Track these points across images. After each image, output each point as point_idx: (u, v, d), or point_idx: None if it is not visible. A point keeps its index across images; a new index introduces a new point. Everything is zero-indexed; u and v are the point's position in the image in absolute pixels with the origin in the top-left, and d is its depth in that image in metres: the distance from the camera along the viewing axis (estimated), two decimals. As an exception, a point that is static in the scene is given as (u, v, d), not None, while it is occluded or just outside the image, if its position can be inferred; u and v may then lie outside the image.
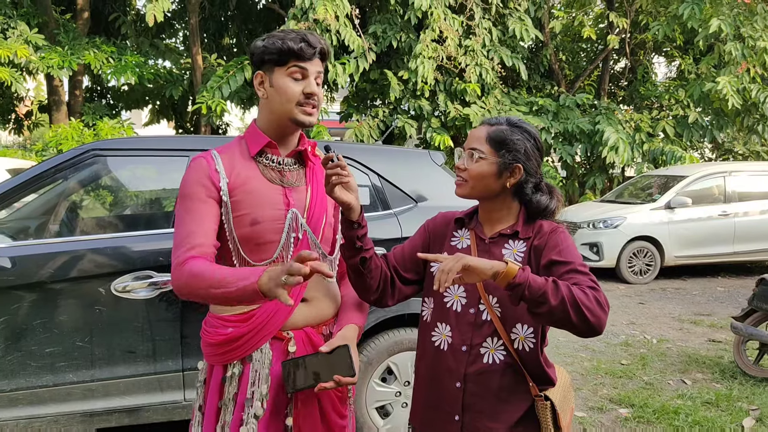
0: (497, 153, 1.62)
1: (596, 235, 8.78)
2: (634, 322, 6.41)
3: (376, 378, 3.13)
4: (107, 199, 4.79)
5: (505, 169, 1.62)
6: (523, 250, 1.62)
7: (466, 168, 1.63)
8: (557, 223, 1.66)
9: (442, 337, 1.65)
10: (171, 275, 1.54)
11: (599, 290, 1.47)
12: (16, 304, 2.67)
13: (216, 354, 1.65)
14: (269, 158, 1.67)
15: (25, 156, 12.01)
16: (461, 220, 1.75)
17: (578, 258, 1.56)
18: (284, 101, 1.61)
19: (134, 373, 2.78)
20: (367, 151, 3.42)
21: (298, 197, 1.67)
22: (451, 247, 1.71)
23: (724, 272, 9.27)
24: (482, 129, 1.66)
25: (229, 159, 1.64)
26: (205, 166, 1.61)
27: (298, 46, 1.58)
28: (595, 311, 1.43)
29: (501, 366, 1.58)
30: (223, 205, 1.59)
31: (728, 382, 4.48)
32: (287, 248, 1.63)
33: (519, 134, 1.64)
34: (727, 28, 10.09)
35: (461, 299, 1.64)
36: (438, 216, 1.81)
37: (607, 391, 4.29)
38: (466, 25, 10.39)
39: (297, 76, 1.60)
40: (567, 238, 1.60)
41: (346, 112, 11.53)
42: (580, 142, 11.44)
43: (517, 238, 1.64)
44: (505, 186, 1.63)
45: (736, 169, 9.31)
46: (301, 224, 1.65)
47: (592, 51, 15.26)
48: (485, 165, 1.61)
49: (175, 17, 13.55)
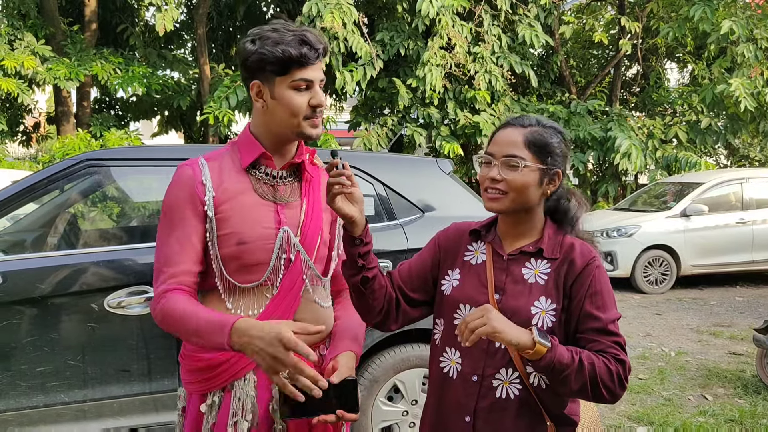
0: (540, 160, 1.43)
1: (610, 244, 8.60)
2: (650, 333, 6.22)
3: (382, 396, 2.99)
4: (102, 211, 4.70)
5: (546, 177, 1.44)
6: (546, 272, 1.43)
7: (503, 179, 1.41)
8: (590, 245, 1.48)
9: (451, 364, 1.48)
10: (152, 305, 1.46)
11: (625, 363, 1.35)
12: (6, 320, 2.56)
13: (194, 381, 1.52)
14: (262, 171, 1.52)
15: (32, 168, 12.02)
16: (477, 232, 1.56)
17: (613, 308, 1.41)
18: (289, 116, 1.46)
19: (128, 393, 2.66)
20: (372, 159, 3.31)
21: (290, 214, 1.54)
22: (464, 262, 1.53)
23: (742, 281, 9.04)
24: (516, 132, 1.45)
25: (218, 169, 1.50)
26: (190, 177, 1.48)
27: (299, 52, 1.41)
28: (614, 391, 1.34)
29: (515, 402, 1.40)
30: (207, 220, 1.47)
31: (752, 398, 4.29)
32: (277, 270, 1.50)
33: (556, 136, 1.47)
34: (740, 29, 9.92)
35: None
36: (451, 227, 1.62)
37: (625, 408, 4.12)
38: (475, 32, 10.29)
39: (302, 88, 1.45)
40: (603, 277, 1.42)
41: (355, 120, 11.45)
42: (592, 150, 11.28)
43: (540, 256, 1.45)
44: (544, 195, 1.46)
45: (753, 175, 9.11)
46: (294, 244, 1.51)
47: (603, 57, 15.11)
48: (529, 174, 1.41)
49: (183, 28, 13.57)
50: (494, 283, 1.45)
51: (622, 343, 1.38)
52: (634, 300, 7.99)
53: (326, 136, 9.86)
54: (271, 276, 1.49)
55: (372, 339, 2.91)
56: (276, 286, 1.50)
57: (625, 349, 1.38)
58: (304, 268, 1.53)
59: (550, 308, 1.40)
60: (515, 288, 1.43)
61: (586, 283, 1.40)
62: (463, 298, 1.48)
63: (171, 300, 1.41)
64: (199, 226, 1.47)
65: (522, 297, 1.42)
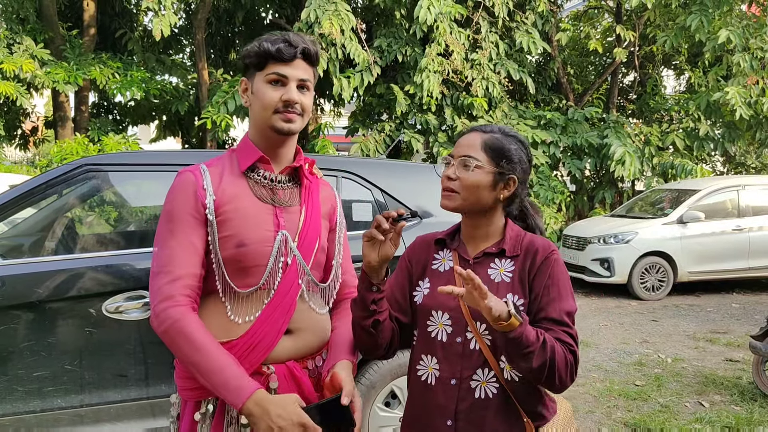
0: (494, 162, 1.49)
1: (607, 250, 8.62)
2: (647, 340, 6.23)
3: (379, 403, 2.99)
4: (101, 215, 4.69)
5: (500, 181, 1.50)
6: (510, 269, 1.49)
7: (457, 177, 1.49)
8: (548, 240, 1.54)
9: (428, 371, 1.51)
10: (153, 309, 1.42)
11: (575, 355, 1.40)
12: (3, 325, 2.55)
13: (189, 388, 1.50)
14: (261, 174, 1.55)
15: (30, 172, 12.00)
16: (442, 240, 1.61)
17: (569, 299, 1.45)
18: (261, 109, 1.51)
19: (126, 398, 2.66)
20: (369, 165, 3.31)
21: (289, 218, 1.55)
22: (432, 270, 1.57)
23: (738, 288, 9.05)
24: (475, 136, 1.52)
25: (218, 174, 1.53)
26: (192, 182, 1.49)
27: (275, 48, 1.47)
28: (565, 379, 1.38)
29: (494, 401, 1.44)
30: (208, 224, 1.48)
31: (748, 405, 4.30)
32: (275, 274, 1.50)
33: (515, 144, 1.53)
34: (736, 39, 9.96)
35: (446, 327, 1.49)
36: (416, 241, 1.67)
37: (622, 415, 4.12)
38: (473, 39, 10.31)
39: (275, 81, 1.50)
40: (561, 268, 1.48)
41: (353, 126, 11.46)
42: (589, 156, 11.30)
43: (503, 256, 1.51)
44: (498, 199, 1.51)
45: (750, 182, 9.14)
46: (291, 248, 1.52)
47: (600, 64, 15.16)
48: (481, 174, 1.48)
49: (182, 33, 13.59)
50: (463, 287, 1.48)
51: (574, 335, 1.42)
52: (631, 306, 7.99)
53: (324, 141, 9.87)
54: (268, 279, 1.49)
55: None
56: (273, 290, 1.50)
57: (577, 342, 1.42)
58: (300, 273, 1.53)
59: (518, 304, 1.45)
60: None
61: (545, 275, 1.45)
62: (434, 305, 1.52)
63: (187, 322, 1.40)
64: (201, 230, 1.47)
65: None
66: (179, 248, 1.45)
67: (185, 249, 1.45)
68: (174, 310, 1.40)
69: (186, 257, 1.44)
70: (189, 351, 1.38)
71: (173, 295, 1.41)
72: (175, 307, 1.40)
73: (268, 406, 1.34)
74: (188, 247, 1.45)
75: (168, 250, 1.45)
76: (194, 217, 1.47)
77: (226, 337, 1.47)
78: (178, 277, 1.43)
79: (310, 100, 1.56)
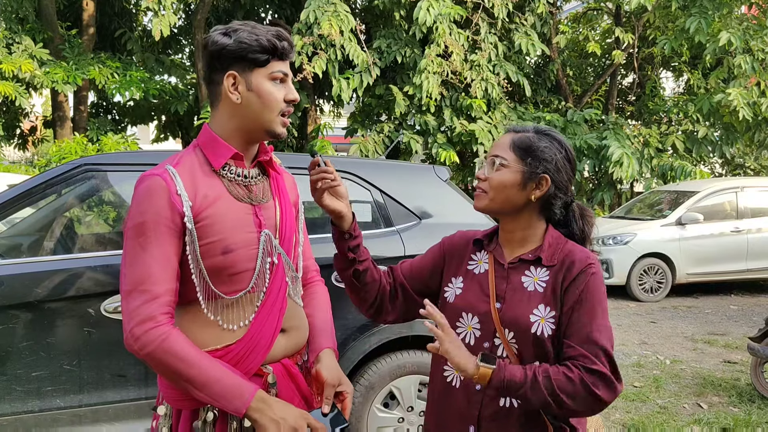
0: (522, 161, 1.45)
1: (606, 251, 8.61)
2: (645, 341, 6.23)
3: (378, 403, 2.98)
4: (100, 215, 4.69)
5: (531, 180, 1.44)
6: (545, 279, 1.43)
7: (486, 177, 1.46)
8: (590, 252, 1.47)
9: (455, 373, 1.48)
10: (130, 331, 1.29)
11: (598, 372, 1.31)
12: (2, 325, 2.55)
13: (182, 398, 1.40)
14: (234, 171, 1.43)
15: (29, 172, 11.99)
16: (480, 241, 1.57)
17: (600, 318, 1.38)
18: (265, 110, 1.40)
19: (124, 398, 2.65)
20: (369, 165, 3.31)
21: (267, 215, 1.47)
22: (467, 271, 1.54)
23: (737, 290, 9.07)
24: (507, 136, 1.50)
25: (190, 176, 1.38)
26: (164, 189, 1.33)
27: (281, 45, 1.40)
28: (582, 398, 1.31)
29: (518, 410, 1.40)
30: (187, 233, 1.35)
31: (746, 406, 4.30)
32: (263, 276, 1.43)
33: (547, 142, 1.48)
34: (737, 41, 9.98)
35: (475, 331, 1.46)
36: (456, 235, 1.63)
37: (620, 416, 4.12)
38: (472, 40, 10.32)
39: (279, 80, 1.41)
40: (597, 285, 1.40)
41: (352, 127, 11.46)
42: (588, 158, 11.30)
43: (539, 264, 1.45)
44: (530, 200, 1.45)
45: (748, 184, 9.14)
46: (275, 247, 1.47)
47: (599, 66, 15.16)
48: (507, 173, 1.44)
49: (181, 33, 13.58)
50: (495, 292, 1.46)
51: (601, 353, 1.34)
52: (630, 308, 8.00)
53: (323, 142, 9.87)
54: (257, 281, 1.43)
55: (369, 345, 2.91)
56: (263, 292, 1.44)
57: (607, 359, 1.34)
58: (286, 270, 1.50)
59: (549, 315, 1.40)
60: (515, 296, 1.44)
61: (578, 289, 1.39)
62: (465, 306, 1.49)
63: (173, 340, 1.30)
64: (176, 241, 1.34)
65: (521, 305, 1.42)
66: (154, 264, 1.31)
67: (160, 264, 1.32)
68: (156, 331, 1.29)
69: (162, 273, 1.32)
70: (182, 368, 1.30)
71: (154, 315, 1.30)
72: (157, 328, 1.30)
73: (271, 403, 1.33)
74: (163, 261, 1.32)
75: (141, 267, 1.31)
76: (169, 228, 1.33)
77: (219, 343, 1.40)
78: (156, 295, 1.31)
79: None
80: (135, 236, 1.33)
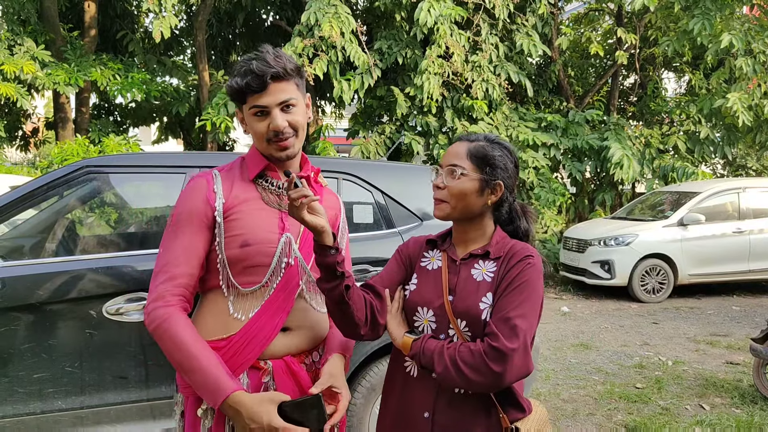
0: (479, 169, 1.56)
1: (608, 252, 8.62)
2: (647, 342, 6.22)
3: (379, 405, 2.98)
4: (101, 217, 4.69)
5: (487, 187, 1.56)
6: (493, 270, 1.55)
7: (445, 186, 1.56)
8: (532, 248, 1.59)
9: (413, 363, 1.58)
10: (146, 308, 1.48)
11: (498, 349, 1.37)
12: (4, 326, 2.55)
13: (188, 385, 1.54)
14: (269, 181, 1.62)
15: (31, 173, 12.00)
16: (433, 241, 1.69)
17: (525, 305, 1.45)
18: (257, 140, 1.59)
19: (126, 400, 2.66)
20: (370, 167, 3.31)
21: (293, 222, 1.61)
22: (420, 268, 1.65)
23: (739, 291, 9.05)
24: (461, 145, 1.60)
25: (230, 180, 1.60)
26: (203, 187, 1.56)
27: (244, 83, 1.51)
28: (480, 369, 1.39)
29: (472, 395, 1.50)
30: (216, 226, 1.54)
31: (749, 408, 4.29)
32: (277, 273, 1.57)
33: (500, 150, 1.59)
34: (739, 43, 9.96)
35: (431, 324, 1.56)
36: (410, 240, 1.76)
37: (622, 417, 4.12)
38: (473, 41, 10.31)
39: (258, 113, 1.55)
40: (531, 276, 1.49)
41: (353, 128, 11.46)
42: (590, 159, 11.29)
43: (488, 258, 1.57)
44: (486, 204, 1.58)
45: (750, 185, 9.14)
46: (293, 250, 1.58)
47: (600, 67, 15.15)
48: (467, 182, 1.55)
49: (183, 35, 13.60)
50: (448, 286, 1.57)
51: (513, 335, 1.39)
52: (632, 309, 7.99)
53: (324, 143, 9.87)
54: (271, 278, 1.55)
55: (370, 347, 2.91)
56: (273, 288, 1.56)
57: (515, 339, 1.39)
58: (300, 273, 1.60)
59: (490, 302, 1.51)
60: (465, 288, 1.55)
61: (512, 276, 1.49)
62: (420, 301, 1.59)
63: (173, 321, 1.45)
64: (206, 233, 1.53)
65: (471, 296, 1.53)
66: (180, 249, 1.50)
67: (185, 250, 1.50)
68: (162, 310, 1.45)
69: (184, 258, 1.50)
70: (172, 350, 1.44)
71: (164, 295, 1.47)
72: (164, 307, 1.45)
73: (241, 408, 1.40)
74: (189, 248, 1.51)
75: (170, 251, 1.51)
76: (201, 220, 1.52)
77: (225, 333, 1.53)
78: (172, 276, 1.48)
79: (301, 114, 1.58)
80: (172, 225, 1.54)
